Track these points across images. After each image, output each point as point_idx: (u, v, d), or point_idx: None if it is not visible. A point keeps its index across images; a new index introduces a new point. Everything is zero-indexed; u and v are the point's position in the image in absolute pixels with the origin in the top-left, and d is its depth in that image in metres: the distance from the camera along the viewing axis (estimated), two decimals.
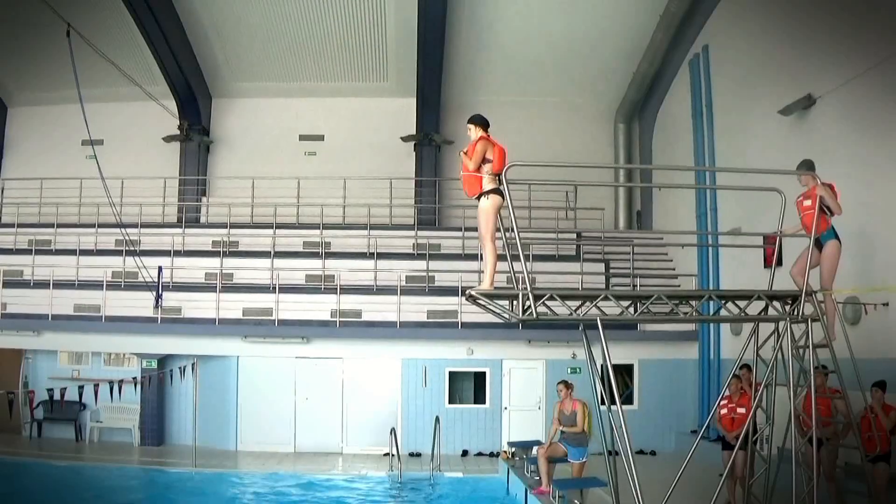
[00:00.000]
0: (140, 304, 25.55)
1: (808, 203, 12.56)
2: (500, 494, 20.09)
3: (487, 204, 11.42)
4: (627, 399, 24.92)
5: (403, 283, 25.59)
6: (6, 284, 26.40)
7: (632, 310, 12.12)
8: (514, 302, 11.54)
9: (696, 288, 23.79)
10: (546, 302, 11.46)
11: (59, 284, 26.22)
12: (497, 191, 11.41)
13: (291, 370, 25.58)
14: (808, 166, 12.79)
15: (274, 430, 25.42)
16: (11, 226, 29.58)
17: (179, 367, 24.24)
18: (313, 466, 23.07)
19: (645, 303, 11.86)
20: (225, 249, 27.76)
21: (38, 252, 27.70)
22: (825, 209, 12.42)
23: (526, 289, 11.13)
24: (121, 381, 23.25)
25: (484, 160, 11.44)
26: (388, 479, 21.71)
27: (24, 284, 26.93)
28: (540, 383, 25.40)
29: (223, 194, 30.84)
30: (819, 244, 12.42)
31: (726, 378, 15.23)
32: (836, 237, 12.47)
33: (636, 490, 11.15)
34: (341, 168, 30.22)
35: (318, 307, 25.43)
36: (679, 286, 25.18)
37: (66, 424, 26.99)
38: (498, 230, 11.83)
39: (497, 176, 11.44)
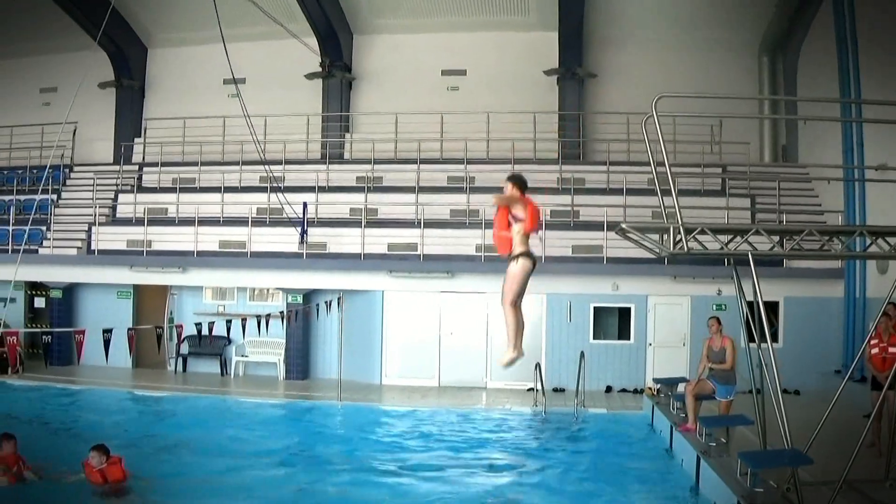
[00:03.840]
0: (285, 239, 26.05)
1: None
2: (644, 431, 19.75)
3: (516, 268, 10.05)
4: (773, 337, 24.32)
5: (548, 218, 25.26)
6: (151, 222, 27.04)
7: (781, 245, 11.68)
8: (665, 236, 11.23)
9: (843, 224, 23.08)
10: (696, 236, 11.13)
11: (204, 221, 26.78)
12: (528, 254, 10.22)
13: (436, 305, 25.58)
14: None
15: (418, 365, 25.53)
16: (155, 165, 30.23)
17: (325, 302, 24.39)
18: (457, 401, 23.07)
19: (795, 238, 11.42)
20: (369, 185, 27.95)
21: (183, 190, 28.23)
22: None
23: (677, 223, 10.78)
24: (268, 315, 23.51)
25: (515, 218, 10.38)
26: (532, 414, 21.56)
27: (170, 222, 27.60)
28: (685, 320, 25.00)
29: (366, 130, 30.96)
30: None
31: (871, 317, 14.74)
32: None
33: (785, 429, 10.89)
34: (484, 102, 29.88)
35: (463, 242, 25.50)
36: (825, 222, 24.43)
37: (212, 359, 27.56)
38: (646, 164, 11.49)
39: (528, 237, 10.55)
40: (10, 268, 25.60)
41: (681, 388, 18.62)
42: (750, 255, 11.22)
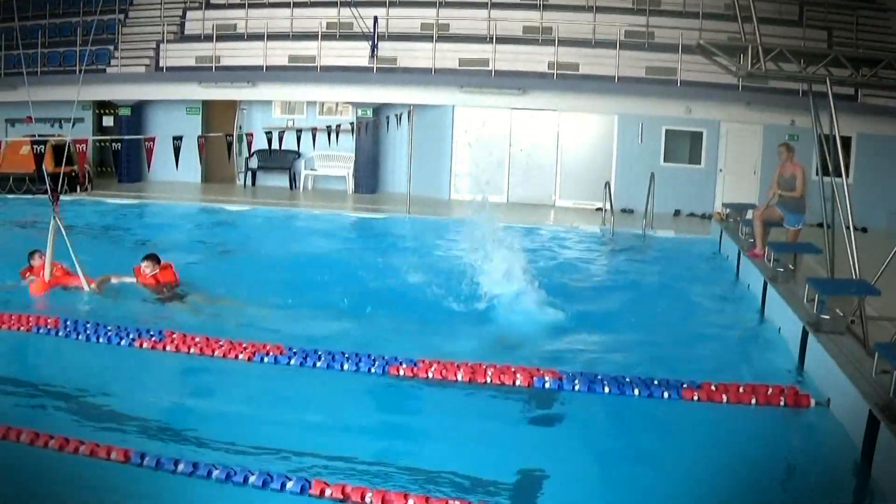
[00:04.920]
0: (355, 54, 25.87)
1: None
2: (711, 255, 19.73)
3: None
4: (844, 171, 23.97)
5: (622, 38, 24.88)
6: (220, 38, 26.97)
7: (858, 73, 11.34)
8: (742, 56, 10.95)
9: None
10: (774, 60, 10.85)
11: (273, 36, 26.61)
12: None
13: (506, 121, 25.55)
14: None
15: (487, 181, 25.45)
16: None
17: (395, 115, 24.31)
18: (525, 217, 23.09)
19: (874, 67, 11.08)
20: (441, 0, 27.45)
21: (252, 5, 28.01)
22: None
23: (756, 42, 10.48)
24: (338, 126, 23.47)
25: None
26: (599, 233, 21.56)
27: (238, 37, 27.44)
28: (757, 148, 24.74)
29: None
30: None
31: None
32: None
33: (853, 260, 10.84)
34: None
35: (535, 59, 25.22)
36: None
37: (281, 173, 27.84)
38: None
39: None
40: (82, 88, 25.75)
41: (750, 214, 18.42)
42: (827, 81, 10.96)
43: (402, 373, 9.82)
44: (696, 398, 9.24)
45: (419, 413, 9.12)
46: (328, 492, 6.66)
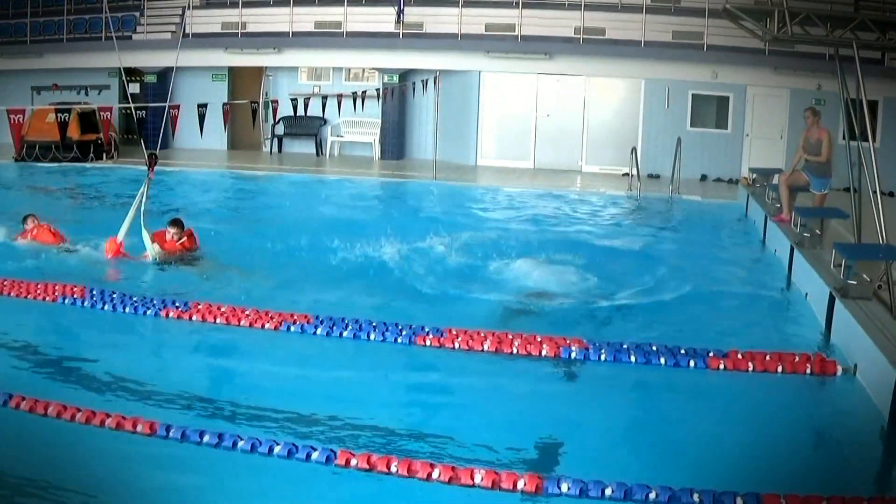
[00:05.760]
0: (381, 19, 25.75)
1: None
2: (738, 220, 19.75)
3: None
4: (871, 136, 23.77)
5: (649, 2, 24.64)
6: (245, 4, 26.87)
7: (884, 36, 11.24)
8: (769, 20, 10.86)
9: None
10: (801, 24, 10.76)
11: (300, 1, 26.55)
12: None
13: (533, 86, 25.47)
14: None
15: (514, 147, 25.65)
16: None
17: (421, 81, 24.27)
18: (552, 183, 23.13)
19: None
20: None
21: None
22: None
23: (782, 6, 10.40)
24: (364, 93, 23.45)
25: None
26: (626, 198, 21.56)
27: (264, 3, 27.37)
28: (784, 112, 24.56)
29: None
30: None
31: None
32: None
33: (880, 224, 10.80)
34: None
35: (562, 23, 24.99)
36: None
37: (307, 140, 27.87)
38: None
39: None
40: (105, 55, 25.82)
41: (776, 179, 18.32)
42: (854, 45, 10.88)
43: (428, 342, 9.84)
44: (722, 367, 9.23)
45: (445, 383, 9.12)
46: (353, 461, 6.70)
